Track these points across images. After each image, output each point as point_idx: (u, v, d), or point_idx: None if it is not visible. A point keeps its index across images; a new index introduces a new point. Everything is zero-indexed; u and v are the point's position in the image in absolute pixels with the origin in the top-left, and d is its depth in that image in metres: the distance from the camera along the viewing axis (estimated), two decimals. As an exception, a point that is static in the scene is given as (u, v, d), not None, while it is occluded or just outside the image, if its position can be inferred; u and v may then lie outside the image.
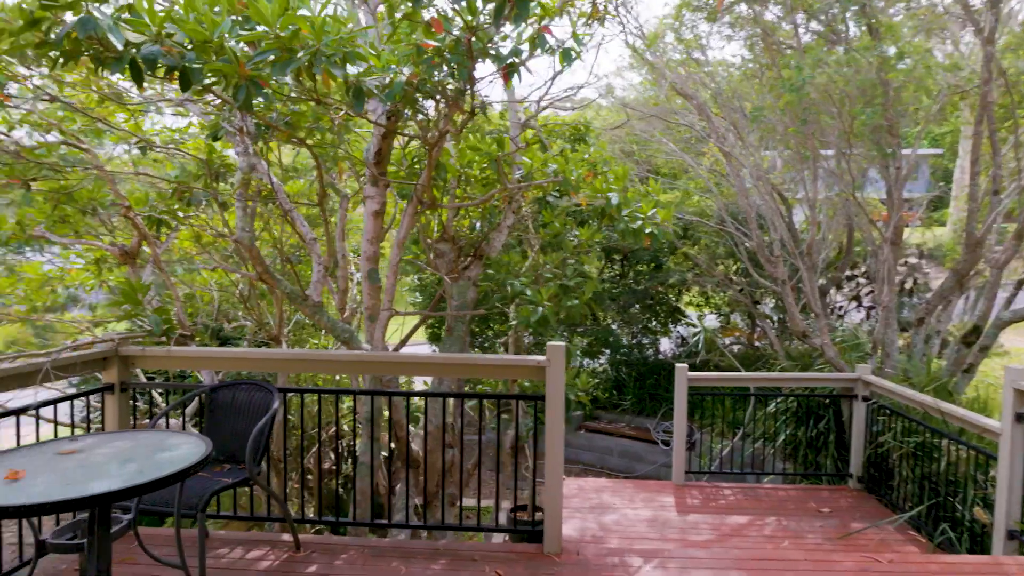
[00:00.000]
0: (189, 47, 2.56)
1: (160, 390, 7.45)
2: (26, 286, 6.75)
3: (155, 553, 3.05)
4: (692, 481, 6.05)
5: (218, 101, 4.61)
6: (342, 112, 4.49)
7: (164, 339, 4.50)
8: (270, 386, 3.88)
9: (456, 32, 3.17)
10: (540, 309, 4.16)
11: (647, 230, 4.72)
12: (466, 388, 7.50)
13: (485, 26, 3.28)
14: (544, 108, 5.26)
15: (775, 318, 12.50)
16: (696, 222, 11.52)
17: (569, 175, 5.46)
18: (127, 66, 2.48)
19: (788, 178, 10.23)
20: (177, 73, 2.53)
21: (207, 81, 2.69)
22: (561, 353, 3.63)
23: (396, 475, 5.12)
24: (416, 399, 6.60)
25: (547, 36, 3.56)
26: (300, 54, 2.58)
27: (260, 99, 2.73)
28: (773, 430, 7.17)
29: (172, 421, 6.78)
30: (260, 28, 2.59)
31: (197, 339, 4.88)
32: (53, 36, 2.54)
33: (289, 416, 5.54)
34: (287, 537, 3.99)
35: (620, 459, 12.90)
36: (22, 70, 4.33)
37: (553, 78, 5.22)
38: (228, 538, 4.09)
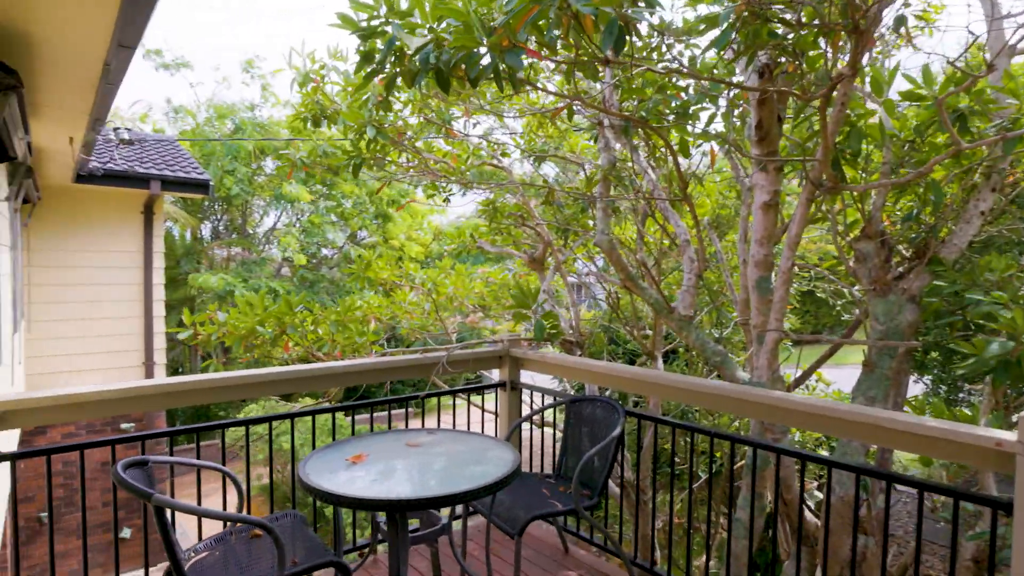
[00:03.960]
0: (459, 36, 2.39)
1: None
2: (491, 288, 8.19)
3: (469, 568, 3.02)
4: None
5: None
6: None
7: (548, 343, 4.62)
8: (619, 407, 3.47)
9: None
10: (1010, 344, 2.37)
11: None
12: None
13: None
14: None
15: None
16: None
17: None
18: (432, 75, 2.48)
19: None
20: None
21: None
22: (1051, 431, 2.04)
23: (781, 546, 3.98)
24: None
25: None
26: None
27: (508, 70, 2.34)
28: None
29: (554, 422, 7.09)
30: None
31: (583, 347, 4.91)
32: (376, 65, 2.78)
33: (665, 447, 5.04)
34: (634, 581, 3.51)
35: None
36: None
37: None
38: (582, 560, 3.87)
